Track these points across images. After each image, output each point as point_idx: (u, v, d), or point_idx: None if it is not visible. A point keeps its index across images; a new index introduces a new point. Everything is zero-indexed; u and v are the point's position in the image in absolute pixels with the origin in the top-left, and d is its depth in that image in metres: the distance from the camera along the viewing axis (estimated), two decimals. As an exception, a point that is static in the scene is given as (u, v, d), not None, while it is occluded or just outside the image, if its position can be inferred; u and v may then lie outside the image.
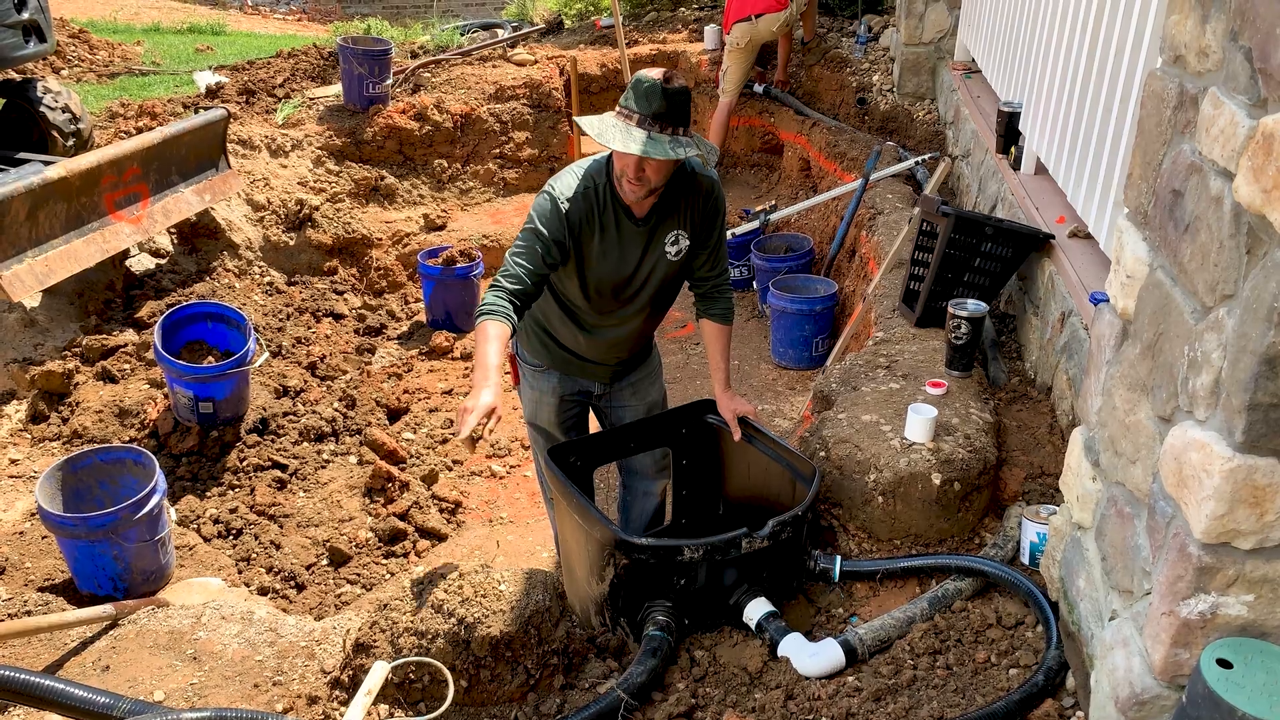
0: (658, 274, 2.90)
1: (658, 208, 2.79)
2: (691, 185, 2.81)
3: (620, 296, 2.91)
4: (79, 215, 4.65)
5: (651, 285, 2.91)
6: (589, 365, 3.10)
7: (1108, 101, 3.34)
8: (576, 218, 2.71)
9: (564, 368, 3.11)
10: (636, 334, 3.05)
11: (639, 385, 3.24)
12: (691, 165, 2.81)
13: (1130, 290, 2.04)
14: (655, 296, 2.96)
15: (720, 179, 2.99)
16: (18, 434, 4.32)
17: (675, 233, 2.85)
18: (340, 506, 4.31)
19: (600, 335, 3.01)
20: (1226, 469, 1.60)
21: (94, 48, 9.15)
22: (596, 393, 3.21)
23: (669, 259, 2.87)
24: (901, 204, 5.31)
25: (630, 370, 3.19)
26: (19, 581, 3.37)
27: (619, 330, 3.00)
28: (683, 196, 2.81)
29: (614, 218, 2.77)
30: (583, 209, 2.72)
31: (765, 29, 7.02)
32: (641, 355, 3.20)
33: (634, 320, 3.00)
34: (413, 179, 7.26)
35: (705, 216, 2.87)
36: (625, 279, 2.87)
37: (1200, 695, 1.64)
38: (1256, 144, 1.51)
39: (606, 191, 2.74)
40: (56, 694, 2.25)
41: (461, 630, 2.40)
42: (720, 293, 3.04)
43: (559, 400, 3.16)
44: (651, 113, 2.53)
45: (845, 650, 2.49)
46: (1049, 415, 3.41)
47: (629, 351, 3.11)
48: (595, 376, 3.15)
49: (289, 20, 14.22)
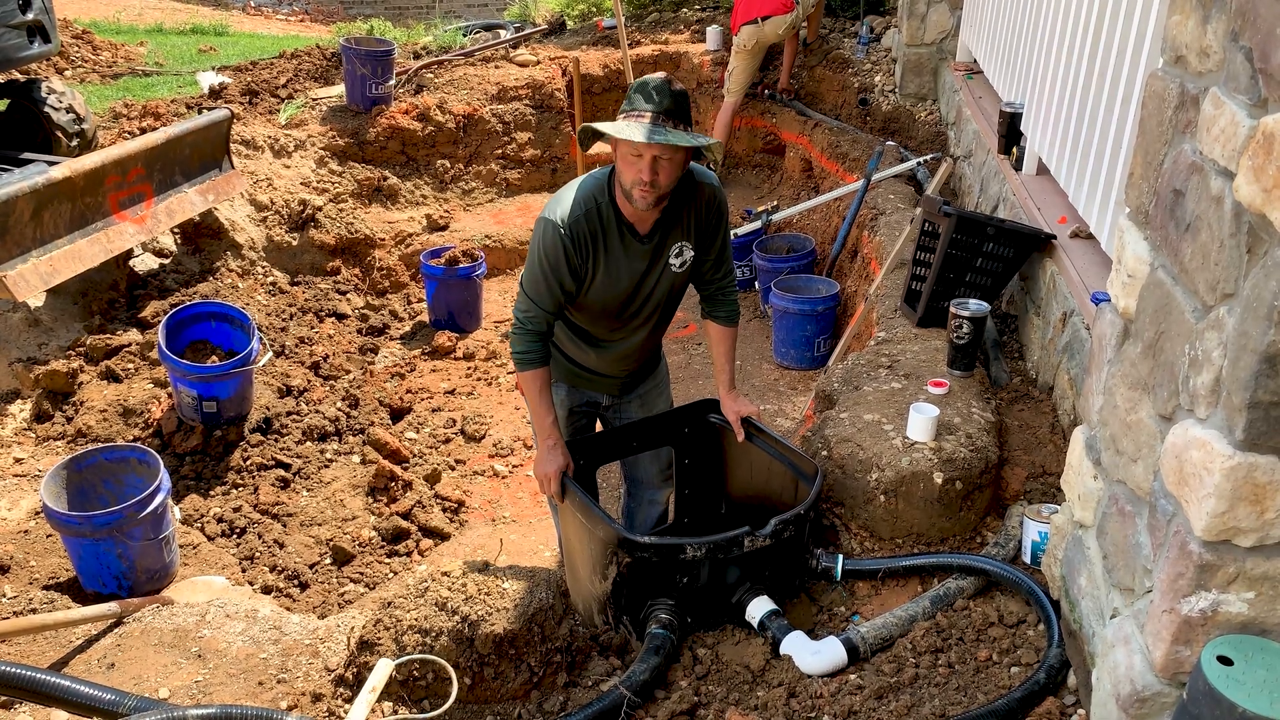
0: (663, 286, 2.87)
1: (661, 222, 2.75)
2: (693, 192, 2.78)
3: (625, 313, 2.89)
4: (83, 215, 4.66)
5: (657, 298, 2.89)
6: (598, 378, 3.10)
7: (1109, 102, 3.35)
8: (581, 243, 2.68)
9: (573, 380, 3.12)
10: (643, 345, 3.04)
11: (646, 397, 3.23)
12: (692, 171, 2.79)
13: (1131, 289, 2.05)
14: (662, 308, 2.95)
15: (722, 179, 2.99)
16: (22, 433, 4.33)
17: (680, 244, 2.82)
18: (343, 506, 4.32)
19: (608, 350, 3.00)
20: (1227, 467, 1.61)
21: (98, 48, 9.16)
22: (604, 404, 3.21)
23: (674, 271, 2.85)
24: (903, 204, 5.32)
25: (639, 382, 3.19)
26: (24, 580, 3.38)
27: (626, 343, 3.00)
28: (685, 206, 2.78)
29: (619, 237, 2.73)
30: (586, 232, 2.68)
31: (771, 31, 7.05)
32: (650, 366, 3.19)
33: (641, 332, 2.98)
34: (415, 179, 7.27)
35: (708, 223, 2.84)
36: (630, 296, 2.84)
37: (1201, 692, 1.65)
38: (1257, 144, 1.52)
39: (610, 211, 2.70)
40: (62, 691, 2.27)
41: (465, 628, 2.41)
42: (725, 295, 3.03)
43: (567, 412, 3.16)
44: (663, 109, 2.54)
45: (847, 648, 2.50)
46: (1050, 414, 3.41)
47: (637, 363, 3.10)
48: (604, 389, 3.15)
49: (292, 21, 14.24)
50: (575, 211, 2.67)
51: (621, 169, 2.61)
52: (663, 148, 2.51)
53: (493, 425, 5.16)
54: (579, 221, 2.66)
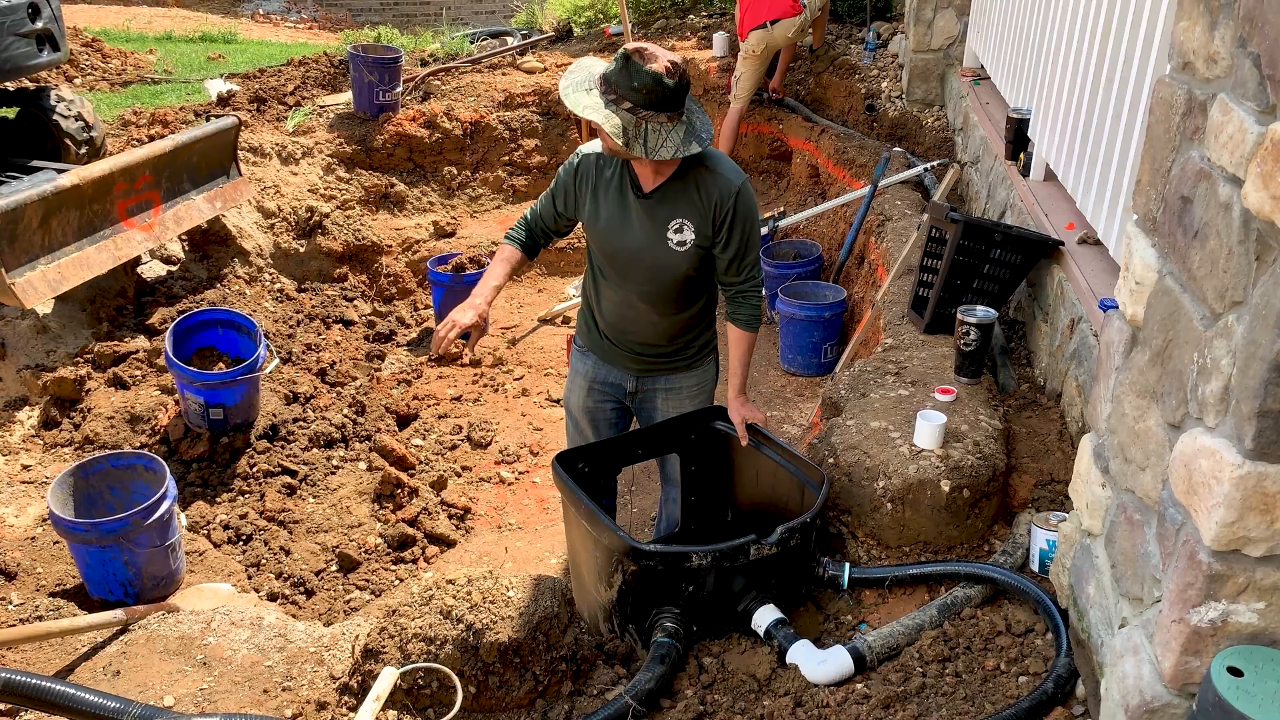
0: (657, 256, 2.92)
1: (665, 189, 2.88)
2: (709, 178, 2.86)
3: (617, 263, 3.01)
4: (91, 222, 4.68)
5: (648, 265, 2.94)
6: (615, 350, 3.18)
7: (1116, 108, 3.34)
8: (584, 174, 3.01)
9: (599, 351, 3.23)
10: (646, 322, 3.07)
11: (671, 394, 3.23)
12: (719, 165, 2.89)
13: (1139, 297, 2.03)
14: (656, 281, 2.97)
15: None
16: (30, 440, 4.35)
17: (680, 221, 2.89)
18: (349, 512, 4.32)
19: (612, 308, 3.11)
20: (1236, 476, 1.60)
21: (107, 56, 9.21)
22: (629, 388, 3.24)
23: (670, 246, 2.90)
24: (910, 210, 5.31)
25: (658, 371, 3.21)
26: (30, 587, 3.39)
27: (628, 310, 3.06)
28: (698, 190, 2.86)
29: (619, 181, 2.95)
30: (592, 165, 3.00)
31: (780, 35, 7.05)
32: (672, 359, 3.19)
33: (640, 305, 3.03)
34: (422, 186, 7.28)
35: (715, 216, 2.87)
36: (622, 245, 2.97)
37: (1211, 703, 1.63)
38: (1265, 150, 1.51)
39: (621, 161, 2.95)
40: (68, 699, 2.27)
41: (470, 636, 2.41)
42: (746, 299, 3.05)
43: (589, 385, 3.27)
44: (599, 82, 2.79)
45: (854, 657, 2.48)
46: (1058, 422, 3.40)
47: (643, 342, 3.13)
48: (622, 364, 3.20)
49: (300, 29, 14.29)
50: (592, 150, 3.02)
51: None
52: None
53: (499, 432, 5.16)
54: (589, 158, 3.01)
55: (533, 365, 5.86)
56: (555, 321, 6.34)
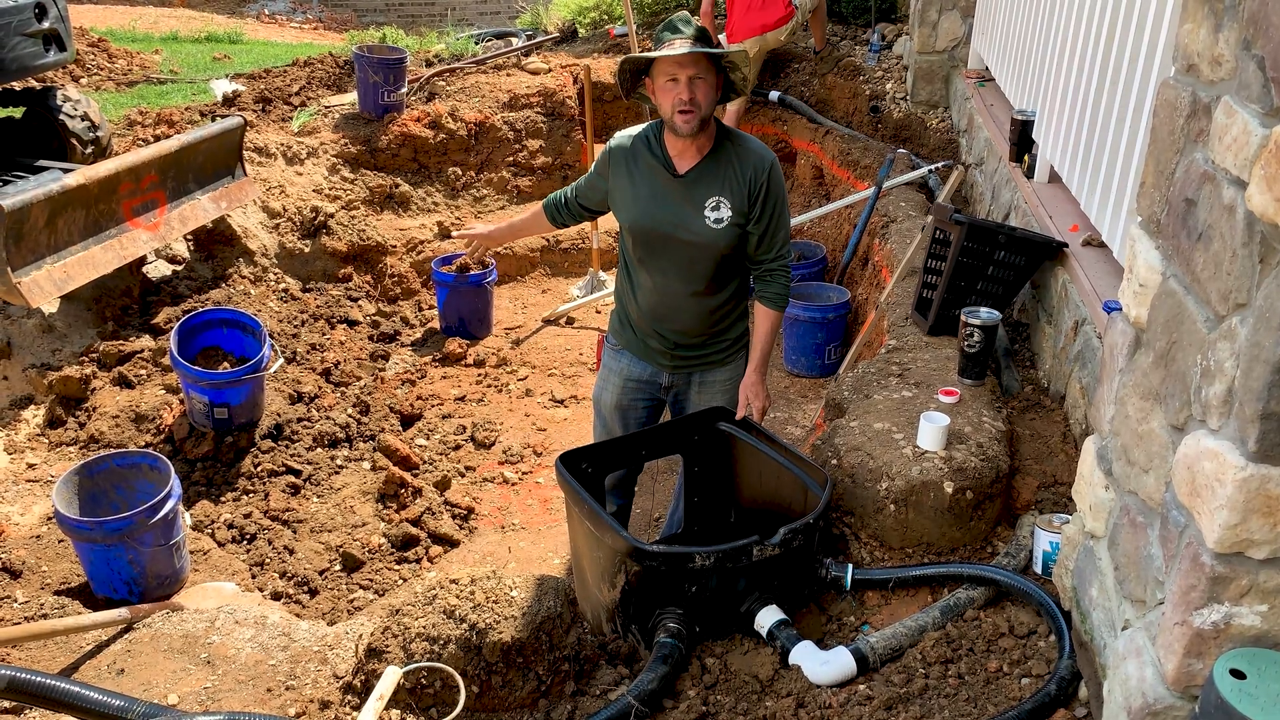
0: (695, 234, 2.99)
1: (701, 169, 2.96)
2: (743, 154, 2.98)
3: (654, 246, 3.06)
4: (97, 222, 4.69)
5: (685, 243, 3.00)
6: (649, 344, 3.22)
7: (1121, 110, 3.33)
8: (618, 157, 3.12)
9: (633, 348, 3.27)
10: (683, 308, 3.12)
11: (704, 388, 3.27)
12: (748, 139, 3.04)
13: (1143, 299, 2.04)
14: (694, 260, 3.03)
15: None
16: (35, 439, 4.36)
17: (716, 199, 2.97)
18: (353, 512, 4.33)
19: (647, 297, 3.15)
20: (1240, 478, 1.60)
21: (113, 56, 9.23)
22: (664, 383, 3.28)
23: (709, 225, 2.98)
24: (914, 212, 5.31)
25: (693, 366, 3.25)
26: (35, 585, 3.40)
27: (665, 296, 3.11)
28: (731, 164, 2.96)
29: (655, 162, 3.04)
30: (628, 147, 3.10)
31: (774, 38, 7.13)
32: (705, 351, 3.23)
33: (677, 286, 3.08)
34: (427, 186, 7.29)
35: (751, 188, 2.97)
36: (659, 226, 3.02)
37: (1213, 706, 1.63)
38: (1269, 153, 1.51)
39: (657, 144, 3.05)
40: (72, 697, 2.27)
41: (473, 636, 2.41)
42: (774, 276, 3.14)
43: (623, 382, 3.31)
44: (692, 34, 2.87)
45: (857, 658, 2.48)
46: (1062, 424, 3.39)
47: (679, 330, 3.16)
48: (657, 359, 3.24)
49: (305, 29, 14.31)
50: (627, 134, 3.15)
51: (661, 100, 2.91)
52: (696, 66, 2.82)
53: (503, 432, 5.16)
54: (624, 140, 3.13)
55: (537, 366, 5.87)
56: (559, 322, 6.34)
